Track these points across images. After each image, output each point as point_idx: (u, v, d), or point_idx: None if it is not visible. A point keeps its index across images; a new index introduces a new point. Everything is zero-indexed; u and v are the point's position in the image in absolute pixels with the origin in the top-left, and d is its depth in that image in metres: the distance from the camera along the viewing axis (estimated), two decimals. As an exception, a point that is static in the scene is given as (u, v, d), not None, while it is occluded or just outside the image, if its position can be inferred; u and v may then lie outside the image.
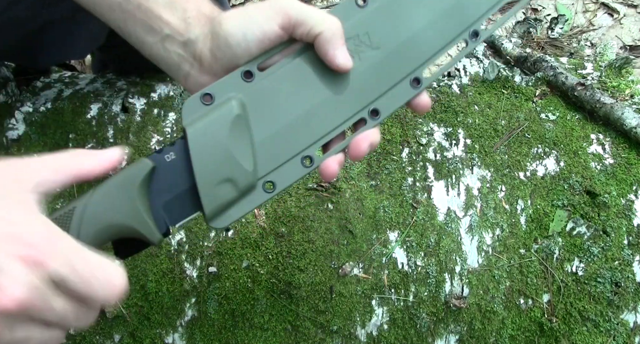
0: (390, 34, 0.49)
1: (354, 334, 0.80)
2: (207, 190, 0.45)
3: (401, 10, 0.50)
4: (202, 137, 0.46)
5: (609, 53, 0.99)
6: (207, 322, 0.80)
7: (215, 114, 0.46)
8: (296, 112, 0.48)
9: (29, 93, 0.86)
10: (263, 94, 0.48)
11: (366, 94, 0.49)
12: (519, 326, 0.80)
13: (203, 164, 0.45)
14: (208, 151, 0.45)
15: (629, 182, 0.81)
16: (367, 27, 0.49)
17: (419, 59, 0.50)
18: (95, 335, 0.80)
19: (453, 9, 0.50)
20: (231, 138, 0.46)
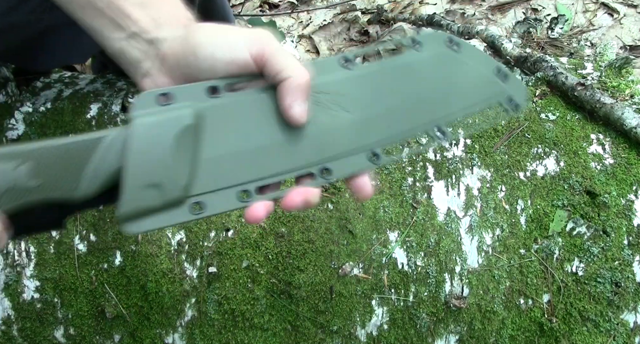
0: (364, 103, 0.49)
1: (354, 334, 0.80)
2: (131, 189, 0.42)
3: (382, 85, 0.50)
4: (146, 134, 0.43)
5: (609, 53, 0.99)
6: (207, 322, 0.80)
7: (167, 115, 0.44)
8: (248, 144, 0.46)
9: (29, 93, 0.86)
10: (222, 115, 0.46)
11: (323, 150, 0.47)
12: (519, 326, 0.80)
13: (137, 161, 0.42)
14: (146, 150, 0.42)
15: (629, 182, 0.81)
16: (344, 89, 0.49)
17: (384, 136, 0.50)
18: (95, 335, 0.81)
19: (428, 100, 0.51)
20: (174, 145, 0.43)
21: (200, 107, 0.45)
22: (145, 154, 0.42)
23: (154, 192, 0.43)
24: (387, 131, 0.50)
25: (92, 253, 0.79)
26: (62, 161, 0.42)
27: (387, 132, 0.50)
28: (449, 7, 1.64)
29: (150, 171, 0.42)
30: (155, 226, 0.44)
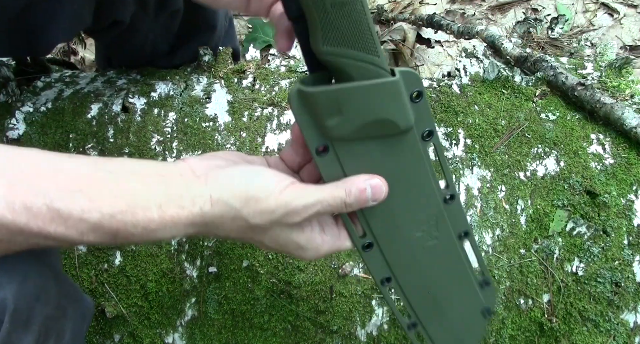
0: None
1: (354, 334, 0.80)
2: (337, 94, 0.45)
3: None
4: (395, 91, 0.46)
5: (609, 53, 0.99)
6: (207, 322, 0.80)
7: (403, 101, 0.47)
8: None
9: (30, 93, 0.86)
10: (403, 151, 0.50)
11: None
12: (519, 326, 0.80)
13: (366, 93, 0.46)
14: (378, 99, 0.46)
15: (629, 182, 0.81)
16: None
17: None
18: (95, 335, 0.81)
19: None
20: (382, 121, 0.47)
21: (413, 134, 0.50)
22: (367, 98, 0.46)
23: (334, 110, 0.46)
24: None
25: (92, 253, 0.79)
26: (353, 25, 0.44)
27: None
28: (449, 7, 1.64)
29: (355, 105, 0.46)
30: (301, 119, 0.47)
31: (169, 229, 0.45)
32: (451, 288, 0.59)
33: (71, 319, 0.57)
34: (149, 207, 0.44)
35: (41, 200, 0.42)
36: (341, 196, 0.48)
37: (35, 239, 0.43)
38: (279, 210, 0.46)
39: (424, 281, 0.57)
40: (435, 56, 1.54)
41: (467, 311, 0.61)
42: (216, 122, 0.83)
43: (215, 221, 0.46)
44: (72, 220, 0.43)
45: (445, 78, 0.95)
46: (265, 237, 0.49)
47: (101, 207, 0.43)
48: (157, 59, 0.94)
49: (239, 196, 0.46)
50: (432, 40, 1.55)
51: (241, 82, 0.88)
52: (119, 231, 0.44)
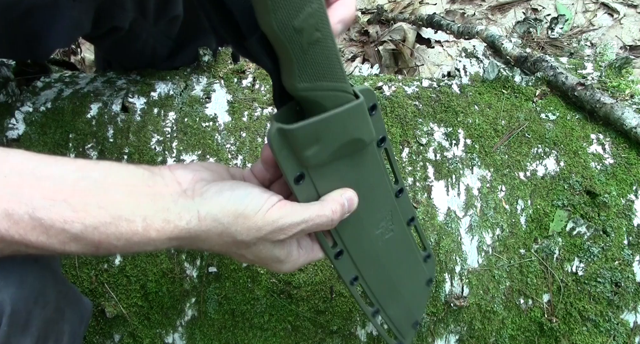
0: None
1: (354, 334, 0.80)
2: (314, 126, 0.47)
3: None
4: (359, 112, 0.49)
5: (609, 53, 0.99)
6: (207, 322, 0.80)
7: (366, 119, 0.50)
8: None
9: (29, 93, 0.86)
10: (364, 161, 0.53)
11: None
12: (519, 326, 0.80)
13: (337, 120, 0.48)
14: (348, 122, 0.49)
15: (629, 182, 0.81)
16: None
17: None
18: (95, 335, 0.81)
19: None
20: (351, 142, 0.50)
21: (372, 144, 0.54)
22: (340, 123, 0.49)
23: (312, 141, 0.48)
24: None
25: (92, 253, 0.79)
26: (324, 60, 0.47)
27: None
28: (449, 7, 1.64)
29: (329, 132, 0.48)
30: (280, 156, 0.48)
31: (152, 242, 0.45)
32: (404, 269, 0.64)
33: (69, 322, 0.57)
34: (133, 220, 0.44)
35: (23, 208, 0.42)
36: (327, 214, 0.50)
37: (16, 246, 0.43)
38: (266, 227, 0.47)
39: (383, 270, 0.61)
40: (435, 56, 1.54)
41: (416, 286, 0.67)
42: (216, 122, 0.83)
43: (201, 235, 0.46)
44: (53, 230, 0.43)
45: (445, 78, 0.95)
46: (248, 252, 0.50)
47: (84, 219, 0.43)
48: (156, 62, 0.94)
49: (228, 213, 0.46)
50: (432, 40, 1.55)
51: (241, 82, 0.88)
52: (102, 243, 0.44)
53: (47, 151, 0.81)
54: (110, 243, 0.44)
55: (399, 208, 0.59)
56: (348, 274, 0.58)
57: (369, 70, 1.00)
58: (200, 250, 0.50)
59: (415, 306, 0.68)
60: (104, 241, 0.44)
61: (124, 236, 0.44)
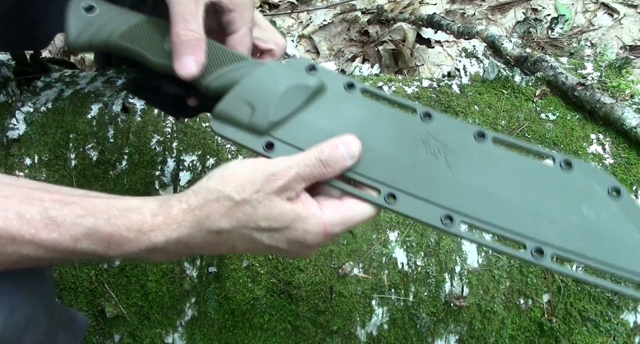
0: (483, 176, 0.53)
1: (354, 334, 0.80)
2: (233, 95, 0.52)
3: (507, 174, 0.53)
4: (271, 71, 0.53)
5: (609, 53, 0.99)
6: (207, 322, 0.80)
7: (298, 72, 0.54)
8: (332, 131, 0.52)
9: (30, 93, 0.86)
10: (341, 105, 0.54)
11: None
12: (519, 326, 0.80)
13: (251, 81, 0.52)
14: (263, 79, 0.52)
15: (629, 182, 0.81)
16: (473, 155, 0.53)
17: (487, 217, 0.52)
18: (95, 335, 0.81)
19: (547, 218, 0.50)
20: (285, 91, 0.52)
21: (330, 87, 0.54)
22: (260, 82, 0.52)
23: (247, 109, 0.52)
24: (489, 214, 0.51)
25: (92, 253, 0.79)
26: (209, 55, 0.54)
27: (489, 215, 0.51)
28: (449, 7, 1.64)
29: (255, 93, 0.52)
30: (232, 137, 0.52)
31: (162, 230, 0.46)
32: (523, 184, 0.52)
33: (62, 342, 0.58)
34: (142, 213, 0.46)
35: (35, 209, 0.44)
36: (314, 155, 0.49)
37: (27, 248, 0.44)
38: (258, 178, 0.46)
39: (491, 194, 0.51)
40: (435, 56, 1.54)
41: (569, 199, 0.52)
42: (216, 122, 0.84)
43: (203, 210, 0.46)
44: (65, 225, 0.44)
45: (445, 78, 0.95)
46: (261, 217, 0.47)
47: (95, 214, 0.45)
48: None
49: (216, 179, 0.47)
50: (432, 40, 1.55)
51: (241, 82, 0.88)
52: (113, 237, 0.45)
53: (48, 151, 0.81)
54: (122, 235, 0.45)
55: (438, 129, 0.52)
56: (431, 214, 0.50)
57: (369, 70, 1.00)
58: (215, 246, 0.48)
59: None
60: (115, 234, 0.45)
61: (134, 225, 0.45)
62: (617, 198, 0.50)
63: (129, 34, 0.55)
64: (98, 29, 0.55)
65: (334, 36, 1.62)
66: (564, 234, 0.49)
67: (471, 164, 0.52)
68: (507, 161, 0.52)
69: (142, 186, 0.80)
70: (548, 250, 0.49)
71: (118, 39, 0.55)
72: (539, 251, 0.49)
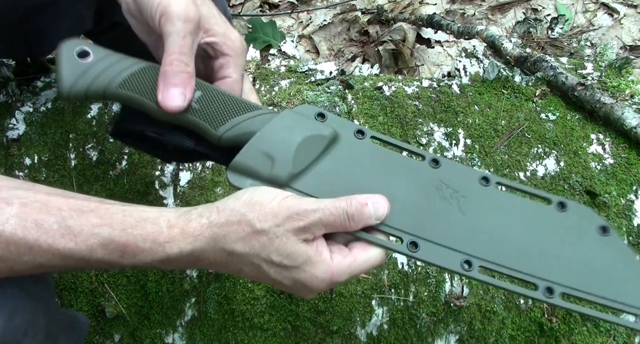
0: (486, 219, 0.55)
1: (354, 334, 0.80)
2: (252, 147, 0.51)
3: (505, 215, 0.55)
4: (288, 120, 0.52)
5: (609, 53, 0.99)
6: (207, 322, 0.80)
7: (311, 121, 0.53)
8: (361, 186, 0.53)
9: (30, 93, 0.86)
10: (355, 153, 0.54)
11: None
12: (519, 326, 0.80)
13: (269, 132, 0.51)
14: (281, 129, 0.52)
15: (629, 182, 0.81)
16: (480, 200, 0.55)
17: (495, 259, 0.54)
18: (95, 335, 0.81)
19: (547, 257, 0.53)
20: (303, 141, 0.52)
21: (344, 138, 0.54)
22: (277, 133, 0.51)
23: (267, 161, 0.51)
24: (496, 256, 0.53)
25: (92, 253, 0.79)
26: (222, 104, 0.52)
27: (495, 257, 0.53)
28: (449, 7, 1.64)
29: (273, 145, 0.51)
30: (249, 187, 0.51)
31: (177, 242, 0.46)
32: (525, 225, 0.55)
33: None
34: (158, 223, 0.46)
35: (53, 218, 0.44)
36: (342, 205, 0.48)
37: (43, 257, 0.44)
38: (282, 212, 0.47)
39: (501, 236, 0.53)
40: (435, 56, 1.54)
41: (567, 239, 0.55)
42: (216, 122, 0.84)
43: (222, 229, 0.46)
44: (82, 235, 0.44)
45: (445, 78, 0.95)
46: (273, 249, 0.47)
47: (111, 224, 0.45)
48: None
49: (243, 202, 0.47)
50: (432, 40, 1.55)
51: (241, 82, 0.88)
52: (128, 246, 0.45)
53: (48, 151, 0.81)
54: (137, 246, 0.45)
55: (447, 175, 0.55)
56: (451, 260, 0.52)
57: (369, 70, 1.00)
58: (224, 265, 0.48)
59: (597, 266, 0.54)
60: (130, 243, 0.45)
61: (150, 236, 0.45)
62: (606, 235, 0.54)
63: (130, 82, 0.51)
64: (94, 78, 0.50)
65: (334, 36, 1.62)
66: (567, 272, 0.53)
67: (481, 209, 0.54)
68: (511, 204, 0.56)
69: (142, 186, 0.80)
70: (557, 289, 0.52)
71: (118, 88, 0.51)
72: (549, 290, 0.52)
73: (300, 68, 0.93)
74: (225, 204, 0.47)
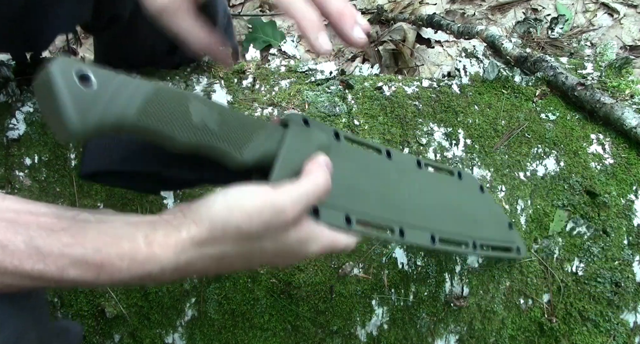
0: (424, 196, 0.67)
1: (354, 334, 0.80)
2: (282, 168, 0.50)
3: (436, 191, 0.70)
4: (298, 136, 0.54)
5: (609, 53, 0.99)
6: (207, 322, 0.80)
7: (310, 131, 0.56)
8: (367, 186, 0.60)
9: (30, 93, 0.86)
10: (338, 155, 0.57)
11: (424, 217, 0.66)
12: (519, 326, 0.80)
13: (289, 151, 0.52)
14: (296, 147, 0.53)
15: (629, 182, 0.81)
16: (416, 182, 0.68)
17: (438, 227, 0.66)
18: (95, 335, 0.81)
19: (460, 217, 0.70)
20: (313, 152, 0.54)
21: (329, 141, 0.58)
22: (296, 149, 0.52)
23: (293, 177, 0.50)
24: (439, 224, 0.65)
25: (92, 253, 0.79)
26: (240, 126, 0.49)
27: (440, 224, 0.65)
28: (449, 7, 1.64)
29: (296, 162, 0.52)
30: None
31: (158, 258, 0.43)
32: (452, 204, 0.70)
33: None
34: (135, 239, 0.43)
35: (20, 238, 0.41)
36: (320, 180, 0.50)
37: (10, 278, 0.42)
38: (267, 210, 0.45)
39: (429, 204, 0.66)
40: (435, 56, 1.54)
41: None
42: (216, 122, 0.83)
43: (207, 239, 0.45)
44: (52, 256, 0.41)
45: (445, 78, 0.95)
46: (266, 246, 0.47)
47: (84, 243, 0.42)
48: (156, 58, 0.94)
49: (221, 208, 0.45)
50: (432, 40, 1.55)
51: (241, 83, 0.88)
52: (104, 265, 0.42)
53: (48, 151, 0.81)
54: (114, 265, 0.42)
55: (395, 163, 0.65)
56: (424, 238, 0.61)
57: (369, 70, 1.00)
58: (214, 268, 0.47)
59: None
60: (106, 263, 0.42)
61: (127, 254, 0.42)
62: (483, 193, 0.75)
63: (149, 108, 0.42)
64: (105, 107, 0.39)
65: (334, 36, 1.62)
66: (475, 227, 0.70)
67: (425, 188, 0.66)
68: (435, 179, 0.70)
69: (142, 186, 0.80)
70: (477, 242, 0.68)
71: (137, 117, 0.41)
72: (474, 245, 0.67)
73: (300, 68, 0.93)
74: (199, 214, 0.45)
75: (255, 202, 0.45)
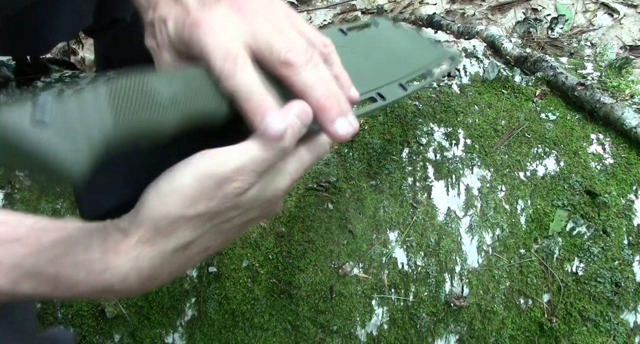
0: (368, 55, 0.65)
1: (354, 334, 0.80)
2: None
3: (369, 47, 0.66)
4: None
5: (609, 53, 0.99)
6: (207, 322, 0.80)
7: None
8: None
9: (30, 93, 0.86)
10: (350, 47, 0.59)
11: (371, 81, 0.60)
12: (519, 326, 0.80)
13: None
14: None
15: (629, 182, 0.81)
16: (354, 46, 0.64)
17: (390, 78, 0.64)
18: (95, 335, 0.81)
19: (394, 61, 0.67)
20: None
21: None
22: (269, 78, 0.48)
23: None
24: (389, 75, 0.63)
25: (92, 253, 0.79)
26: (207, 80, 0.42)
27: (389, 76, 0.63)
28: (449, 7, 1.64)
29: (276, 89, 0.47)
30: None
31: (116, 267, 0.39)
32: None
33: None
34: (89, 248, 0.39)
35: None
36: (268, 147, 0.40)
37: None
38: (207, 184, 0.39)
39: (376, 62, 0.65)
40: (435, 56, 1.53)
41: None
42: (216, 122, 0.84)
43: (156, 235, 0.40)
44: (3, 268, 0.38)
45: (445, 78, 0.95)
46: (224, 216, 0.41)
47: (38, 252, 0.38)
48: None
49: (152, 202, 0.39)
50: (432, 40, 1.54)
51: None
52: (59, 277, 0.38)
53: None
54: (70, 276, 0.38)
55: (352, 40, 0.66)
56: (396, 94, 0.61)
57: (369, 70, 1.00)
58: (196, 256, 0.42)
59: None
60: (61, 274, 0.38)
61: (81, 265, 0.38)
62: (397, 28, 0.72)
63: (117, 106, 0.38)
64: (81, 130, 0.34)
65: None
66: (404, 66, 0.67)
67: (364, 49, 0.66)
68: (363, 37, 0.68)
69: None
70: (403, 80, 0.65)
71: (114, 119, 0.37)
72: (402, 87, 0.64)
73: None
74: (141, 212, 0.39)
75: (190, 180, 0.39)
